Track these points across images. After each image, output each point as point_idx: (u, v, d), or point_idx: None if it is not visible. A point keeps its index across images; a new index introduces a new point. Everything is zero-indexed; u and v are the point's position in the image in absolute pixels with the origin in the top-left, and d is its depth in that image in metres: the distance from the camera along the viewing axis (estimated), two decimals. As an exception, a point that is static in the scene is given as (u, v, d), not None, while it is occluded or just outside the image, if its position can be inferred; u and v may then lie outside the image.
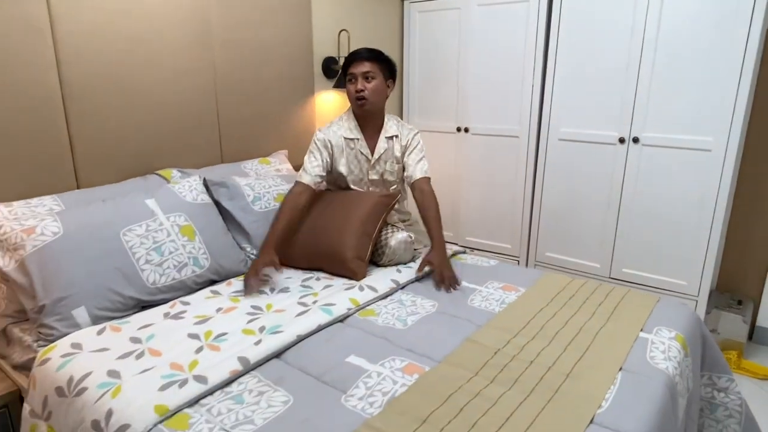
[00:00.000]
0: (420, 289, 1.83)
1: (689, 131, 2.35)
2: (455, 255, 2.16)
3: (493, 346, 1.43)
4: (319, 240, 1.91)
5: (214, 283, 1.81)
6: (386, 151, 2.10)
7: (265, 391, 1.23)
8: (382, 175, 2.12)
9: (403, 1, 3.17)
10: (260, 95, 2.46)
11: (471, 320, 1.60)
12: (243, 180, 2.10)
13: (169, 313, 1.57)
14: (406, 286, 1.86)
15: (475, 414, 1.15)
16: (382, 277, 1.86)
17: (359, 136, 2.08)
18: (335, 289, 1.75)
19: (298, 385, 1.26)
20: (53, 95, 1.78)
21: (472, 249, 3.12)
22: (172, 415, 1.14)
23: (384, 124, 2.11)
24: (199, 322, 1.51)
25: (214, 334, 1.45)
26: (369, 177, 2.11)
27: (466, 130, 3.06)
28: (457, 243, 3.17)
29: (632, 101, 2.47)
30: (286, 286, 1.78)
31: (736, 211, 2.65)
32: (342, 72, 2.09)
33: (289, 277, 1.88)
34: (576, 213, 2.76)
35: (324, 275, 1.89)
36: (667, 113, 2.39)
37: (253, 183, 2.10)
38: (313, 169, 2.00)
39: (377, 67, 2.01)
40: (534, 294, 1.78)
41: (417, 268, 1.91)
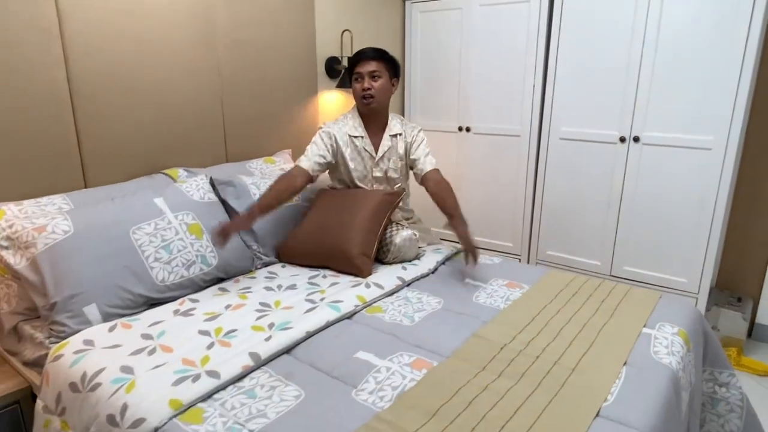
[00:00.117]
0: (425, 286, 1.86)
1: (689, 130, 2.37)
2: (458, 254, 2.19)
3: (500, 342, 1.45)
4: (325, 237, 1.93)
5: (221, 280, 1.82)
6: (390, 149, 2.13)
7: (276, 386, 1.25)
8: (386, 173, 2.15)
9: (404, 1, 3.19)
10: (264, 95, 2.48)
11: (477, 316, 1.62)
12: (249, 179, 2.12)
13: (179, 310, 1.59)
14: (411, 283, 1.88)
15: (484, 407, 1.17)
16: (388, 274, 1.88)
17: (363, 134, 2.10)
18: (342, 287, 1.77)
19: (309, 380, 1.28)
20: (61, 95, 1.79)
21: (474, 247, 3.14)
22: (186, 409, 1.16)
23: (388, 123, 2.14)
24: (208, 319, 1.53)
25: (224, 331, 1.47)
26: (373, 174, 2.13)
27: (467, 130, 3.08)
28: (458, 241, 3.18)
29: (633, 100, 2.49)
30: (294, 284, 1.80)
31: (736, 210, 2.68)
32: (347, 71, 2.12)
33: (296, 274, 1.90)
34: (577, 211, 2.79)
35: (330, 273, 1.91)
36: (667, 112, 2.41)
37: (259, 182, 2.12)
38: (314, 156, 2.02)
39: (383, 66, 2.05)
40: (538, 291, 1.80)
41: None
